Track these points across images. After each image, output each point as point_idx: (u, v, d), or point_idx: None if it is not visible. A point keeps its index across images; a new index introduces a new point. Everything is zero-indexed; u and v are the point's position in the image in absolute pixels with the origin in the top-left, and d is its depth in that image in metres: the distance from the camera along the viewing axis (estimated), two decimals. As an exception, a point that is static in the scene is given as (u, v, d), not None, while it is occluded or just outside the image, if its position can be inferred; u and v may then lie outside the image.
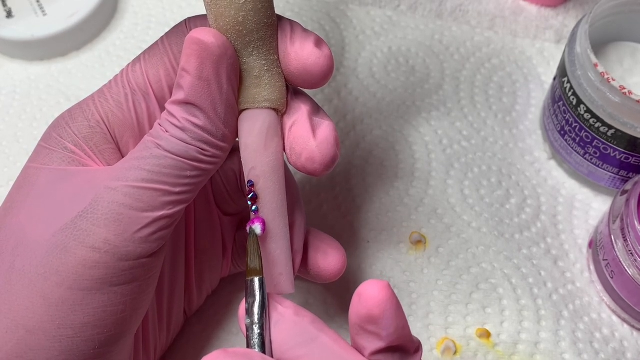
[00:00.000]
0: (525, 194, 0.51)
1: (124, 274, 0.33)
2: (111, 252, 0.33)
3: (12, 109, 0.55)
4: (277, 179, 0.37)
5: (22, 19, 0.56)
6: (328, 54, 0.36)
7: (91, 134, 0.36)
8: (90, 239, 0.33)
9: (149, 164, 0.34)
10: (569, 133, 0.49)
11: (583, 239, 0.50)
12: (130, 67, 0.37)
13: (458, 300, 0.47)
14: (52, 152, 0.36)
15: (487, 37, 0.58)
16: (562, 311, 0.46)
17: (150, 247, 0.34)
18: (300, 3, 0.59)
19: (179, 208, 0.34)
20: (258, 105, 0.36)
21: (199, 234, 0.43)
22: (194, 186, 0.35)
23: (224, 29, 0.35)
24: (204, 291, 0.45)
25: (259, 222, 0.36)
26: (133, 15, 0.60)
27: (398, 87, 0.56)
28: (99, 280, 0.33)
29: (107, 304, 0.33)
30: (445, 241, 0.49)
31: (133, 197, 0.33)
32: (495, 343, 0.45)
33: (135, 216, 0.33)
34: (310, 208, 0.50)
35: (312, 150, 0.36)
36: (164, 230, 0.34)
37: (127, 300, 0.34)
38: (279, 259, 0.38)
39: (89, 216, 0.33)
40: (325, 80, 0.36)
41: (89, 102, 0.37)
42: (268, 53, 0.36)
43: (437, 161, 0.52)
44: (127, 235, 0.33)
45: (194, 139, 0.34)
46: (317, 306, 0.47)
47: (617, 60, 0.53)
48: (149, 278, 0.35)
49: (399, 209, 0.50)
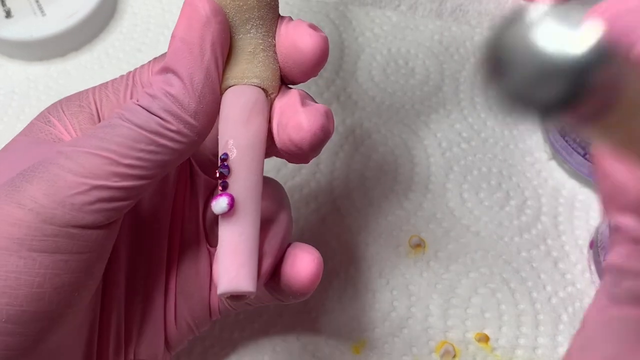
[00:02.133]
0: (526, 195, 0.51)
1: (46, 239, 0.30)
2: (35, 211, 0.30)
3: (11, 109, 0.55)
4: (255, 157, 0.33)
5: (21, 19, 0.56)
6: (323, 35, 0.33)
7: (78, 111, 0.35)
8: (19, 194, 0.30)
9: (102, 132, 0.31)
10: (569, 133, 0.49)
11: (584, 239, 0.49)
12: (139, 67, 0.36)
13: (457, 304, 0.47)
14: (34, 125, 0.35)
15: (487, 37, 0.58)
16: (561, 315, 0.46)
17: (82, 217, 0.30)
18: (299, 4, 0.59)
19: (128, 183, 0.31)
20: (247, 81, 0.34)
21: (184, 259, 0.39)
22: (150, 163, 0.31)
23: (222, 3, 0.33)
24: (184, 326, 0.40)
25: (226, 196, 0.32)
26: (132, 16, 0.60)
27: (397, 90, 0.55)
28: (17, 241, 0.30)
29: (22, 271, 0.30)
30: (444, 246, 0.49)
31: (75, 161, 0.31)
32: (494, 348, 0.45)
33: (71, 180, 0.30)
34: (308, 210, 0.50)
35: (300, 117, 0.33)
36: (104, 203, 0.31)
37: (47, 273, 0.30)
38: (242, 246, 0.32)
39: (27, 173, 0.31)
40: (318, 63, 0.34)
41: (90, 89, 0.36)
42: (266, 35, 0.34)
43: (436, 165, 0.52)
44: (56, 197, 0.30)
45: (160, 108, 0.31)
46: (316, 308, 0.47)
47: (617, 60, 0.52)
48: (79, 256, 0.31)
49: (398, 212, 0.50)
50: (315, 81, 0.55)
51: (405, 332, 0.46)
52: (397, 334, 0.46)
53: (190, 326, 0.40)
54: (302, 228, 0.49)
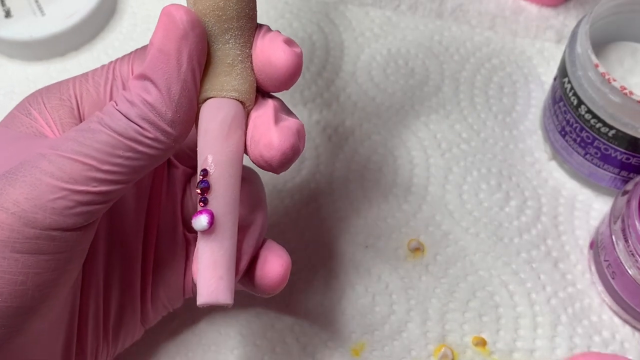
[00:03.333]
0: (526, 196, 0.51)
1: (27, 241, 0.31)
2: (17, 215, 0.31)
3: (11, 109, 0.55)
4: (233, 173, 0.34)
5: (21, 19, 0.56)
6: (297, 51, 0.34)
7: (59, 105, 0.35)
8: (2, 197, 0.31)
9: (82, 136, 0.32)
10: (569, 133, 0.49)
11: (584, 239, 0.49)
12: (119, 59, 0.37)
13: (455, 308, 0.47)
14: (15, 117, 0.36)
15: (486, 37, 0.58)
16: (560, 316, 0.46)
17: (63, 221, 0.32)
18: (298, 4, 0.59)
19: (106, 188, 0.32)
20: (225, 94, 0.34)
21: (161, 246, 0.41)
22: (127, 169, 0.33)
23: (202, 12, 0.34)
24: (160, 307, 0.42)
25: (206, 214, 0.33)
26: (132, 16, 0.60)
27: (397, 90, 0.55)
28: (1, 243, 0.31)
29: (6, 270, 0.31)
30: (443, 249, 0.49)
31: (57, 165, 0.32)
32: (492, 351, 0.45)
33: (52, 184, 0.31)
34: (307, 211, 0.50)
35: (272, 136, 0.34)
36: (83, 206, 0.32)
37: (30, 272, 0.32)
38: (221, 260, 0.34)
39: (9, 176, 0.32)
40: (290, 78, 0.35)
41: (70, 80, 0.37)
42: (244, 46, 0.35)
43: (436, 166, 0.52)
44: (38, 202, 0.31)
45: (138, 115, 0.32)
46: (315, 310, 0.47)
47: (617, 60, 0.52)
48: (60, 255, 0.33)
49: (397, 215, 0.50)
50: (315, 81, 0.55)
51: (404, 336, 0.46)
52: (396, 337, 0.46)
53: (166, 305, 0.43)
54: (302, 228, 0.49)
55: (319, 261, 0.48)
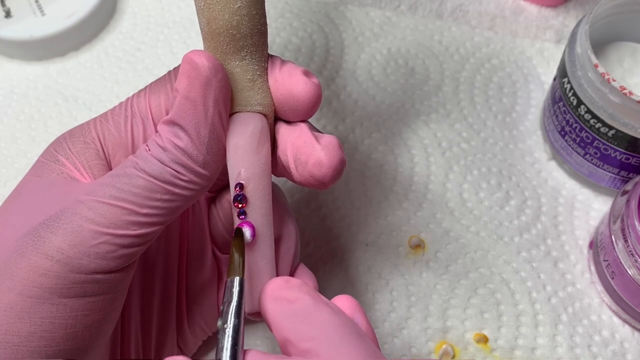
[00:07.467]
0: (526, 195, 0.51)
1: (74, 286, 0.33)
2: (63, 262, 0.32)
3: (10, 110, 0.55)
4: (266, 184, 0.36)
5: (21, 19, 0.56)
6: (316, 82, 0.35)
7: (84, 149, 0.36)
8: (45, 246, 0.32)
9: (120, 182, 0.33)
10: (569, 133, 0.49)
11: (584, 239, 0.49)
12: (135, 95, 0.37)
13: (456, 304, 0.47)
14: (44, 165, 0.36)
15: (486, 37, 0.58)
16: (560, 315, 0.46)
17: (106, 264, 0.33)
18: (299, 4, 0.59)
19: (146, 230, 0.34)
20: (251, 108, 0.35)
21: (191, 270, 0.42)
22: (165, 210, 0.34)
23: (216, 32, 0.34)
24: (198, 330, 0.43)
25: (248, 226, 0.35)
26: (132, 16, 0.60)
27: (397, 89, 0.55)
28: (48, 290, 0.32)
29: (55, 316, 0.32)
30: (443, 246, 0.49)
31: (97, 211, 0.33)
32: (493, 348, 0.45)
33: (94, 230, 0.32)
34: (309, 210, 0.50)
35: (319, 154, 0.35)
36: (125, 249, 0.33)
37: (78, 315, 0.33)
38: (263, 270, 0.36)
39: (51, 224, 0.33)
40: (312, 109, 0.36)
41: (90, 122, 0.37)
42: (260, 60, 0.36)
43: (436, 164, 0.52)
44: (81, 248, 0.32)
45: (172, 160, 0.33)
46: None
47: (617, 60, 0.52)
48: (105, 296, 0.34)
49: (397, 212, 0.50)
50: (315, 81, 0.55)
51: (404, 333, 0.46)
52: (396, 335, 0.46)
53: (204, 328, 0.43)
54: (302, 228, 0.49)
55: (319, 259, 0.48)
